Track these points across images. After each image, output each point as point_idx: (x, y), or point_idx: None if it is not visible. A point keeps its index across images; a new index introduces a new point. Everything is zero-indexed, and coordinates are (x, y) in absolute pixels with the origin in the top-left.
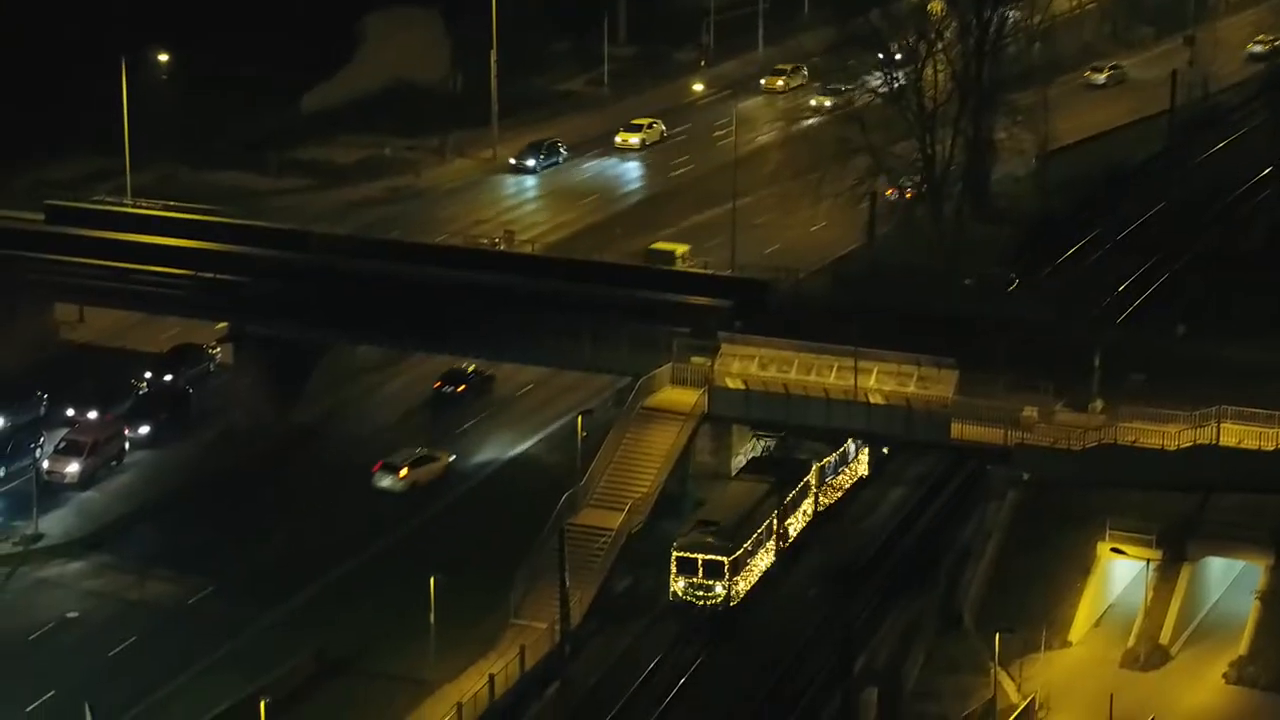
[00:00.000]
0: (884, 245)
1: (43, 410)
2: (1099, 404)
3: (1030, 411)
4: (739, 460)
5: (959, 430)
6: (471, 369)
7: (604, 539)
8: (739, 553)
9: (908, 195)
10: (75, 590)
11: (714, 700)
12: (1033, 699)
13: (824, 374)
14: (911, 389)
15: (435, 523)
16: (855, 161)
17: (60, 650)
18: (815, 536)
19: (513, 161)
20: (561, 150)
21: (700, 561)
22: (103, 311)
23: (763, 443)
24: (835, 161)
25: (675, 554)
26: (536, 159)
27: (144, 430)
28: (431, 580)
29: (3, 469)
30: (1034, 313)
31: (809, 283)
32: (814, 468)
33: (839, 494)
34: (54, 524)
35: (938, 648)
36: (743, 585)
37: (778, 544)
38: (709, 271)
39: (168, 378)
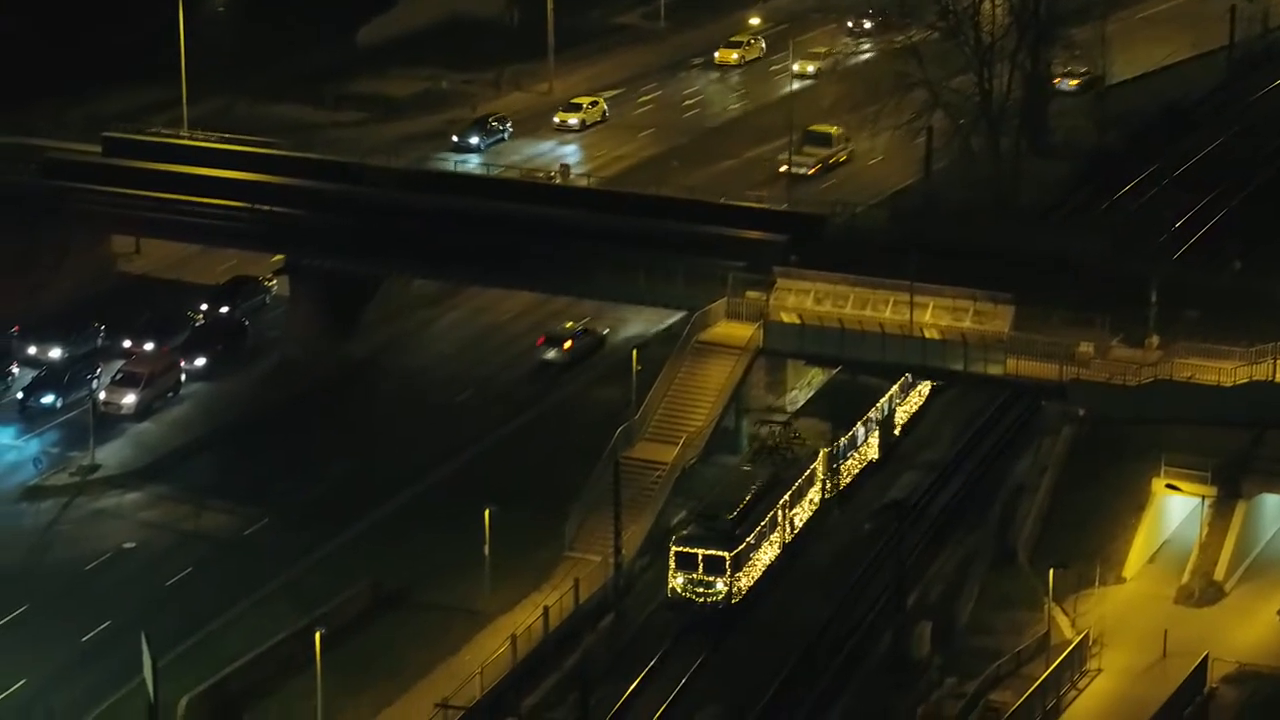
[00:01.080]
0: (940, 180)
1: (99, 342)
2: (1155, 340)
3: (1086, 347)
4: (793, 395)
5: (1014, 365)
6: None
7: (658, 473)
8: (741, 547)
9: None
10: (132, 521)
11: (767, 633)
12: (1086, 634)
13: (879, 309)
14: (967, 324)
15: (490, 455)
16: (912, 96)
17: (117, 580)
18: (869, 475)
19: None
20: (502, 128)
21: (700, 557)
22: (159, 244)
23: (766, 429)
24: (892, 96)
25: (674, 549)
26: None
27: (200, 362)
28: (486, 512)
29: (60, 400)
30: (1090, 248)
31: (865, 217)
32: (821, 454)
33: (847, 480)
34: (110, 455)
35: (991, 583)
36: (745, 581)
37: (782, 536)
38: (764, 205)
39: (224, 310)
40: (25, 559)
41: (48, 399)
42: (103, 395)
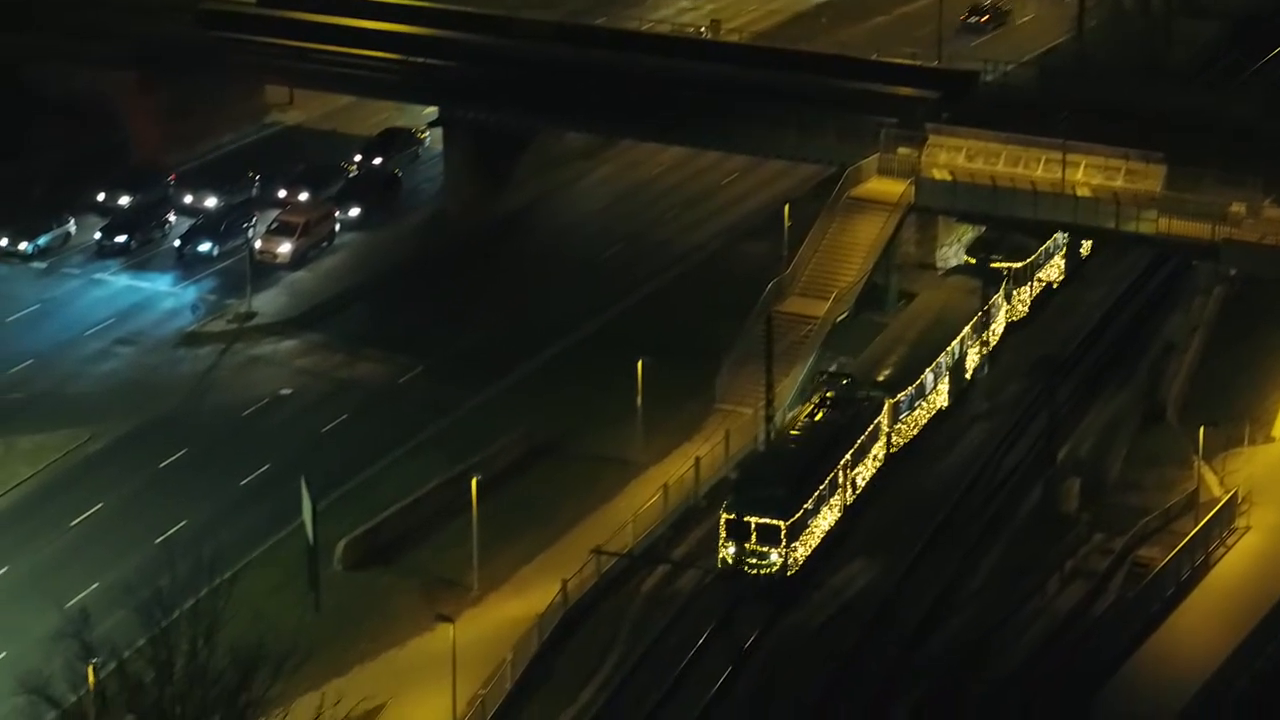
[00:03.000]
0: (1091, 39)
1: (254, 191)
2: None
3: (1238, 207)
4: (944, 253)
5: (1166, 225)
6: None
7: (809, 327)
8: (798, 514)
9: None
10: (287, 368)
11: (915, 490)
12: (1235, 492)
13: (1031, 167)
14: (1119, 183)
15: (640, 309)
16: None
17: (273, 426)
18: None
19: None
20: None
21: (753, 525)
22: (313, 95)
23: (826, 385)
24: None
25: (724, 516)
26: None
27: (354, 213)
28: (639, 364)
29: (216, 248)
30: (1241, 109)
31: (1016, 75)
32: (886, 405)
33: (915, 432)
34: (266, 303)
35: (1140, 441)
36: (801, 552)
37: (843, 499)
38: (915, 62)
39: (377, 161)
40: (184, 404)
41: (204, 246)
42: (258, 244)
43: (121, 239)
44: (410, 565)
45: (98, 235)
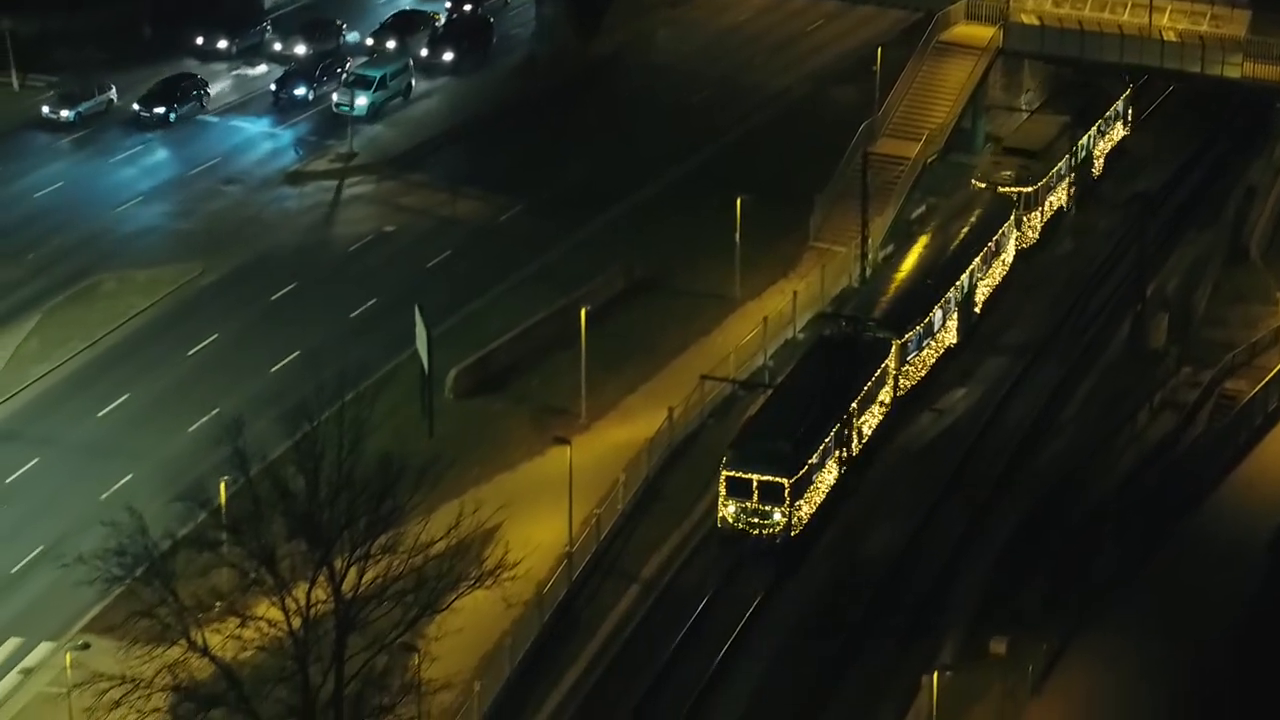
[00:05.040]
0: None
1: (341, 39)
2: None
3: None
4: (1028, 96)
5: (1250, 69)
6: None
7: (901, 167)
8: (803, 471)
9: None
10: (390, 206)
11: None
12: None
13: (1118, 12)
14: (1204, 27)
15: (732, 150)
16: None
17: (379, 261)
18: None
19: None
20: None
21: (755, 483)
22: None
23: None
24: None
25: (724, 473)
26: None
27: (447, 58)
28: (738, 200)
29: (311, 93)
30: None
31: None
32: (893, 346)
33: (923, 373)
34: (366, 144)
35: (1225, 279)
36: (806, 510)
37: (847, 453)
38: None
39: (468, 7)
40: (291, 239)
41: (299, 91)
42: (335, 96)
43: (160, 110)
44: (519, 394)
45: (135, 106)
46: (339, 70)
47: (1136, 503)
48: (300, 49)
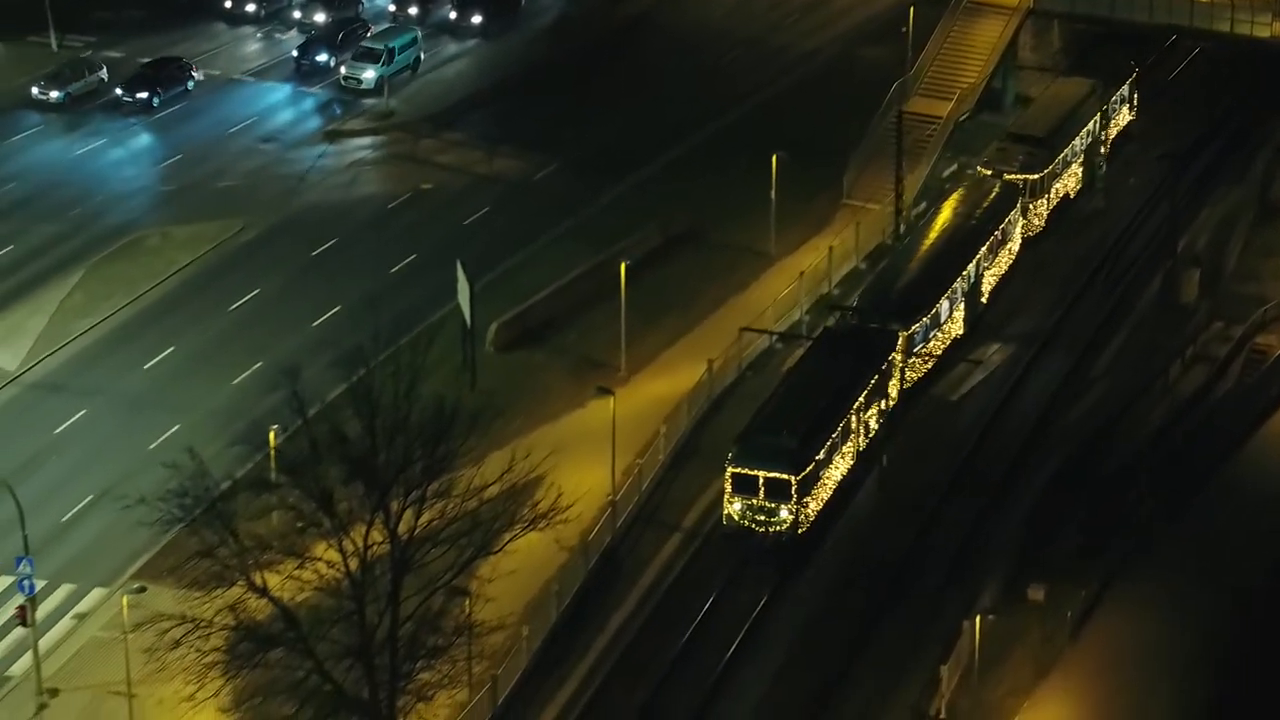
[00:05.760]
0: None
1: (361, 7)
2: None
3: None
4: (1055, 57)
5: None
6: None
7: (933, 126)
8: (810, 467)
9: None
10: (427, 164)
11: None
12: None
13: None
14: None
15: (764, 109)
16: None
17: (418, 218)
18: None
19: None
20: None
21: (761, 479)
22: None
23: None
24: None
25: (730, 470)
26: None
27: (476, 20)
28: (774, 157)
29: (333, 59)
30: None
31: None
32: (900, 338)
33: (929, 365)
34: (401, 103)
35: (1255, 235)
36: (814, 506)
37: (856, 446)
38: None
39: None
40: (330, 196)
41: (321, 57)
42: (343, 70)
43: (144, 95)
44: (559, 347)
45: (118, 91)
46: (362, 36)
47: (1169, 455)
48: (319, 16)
